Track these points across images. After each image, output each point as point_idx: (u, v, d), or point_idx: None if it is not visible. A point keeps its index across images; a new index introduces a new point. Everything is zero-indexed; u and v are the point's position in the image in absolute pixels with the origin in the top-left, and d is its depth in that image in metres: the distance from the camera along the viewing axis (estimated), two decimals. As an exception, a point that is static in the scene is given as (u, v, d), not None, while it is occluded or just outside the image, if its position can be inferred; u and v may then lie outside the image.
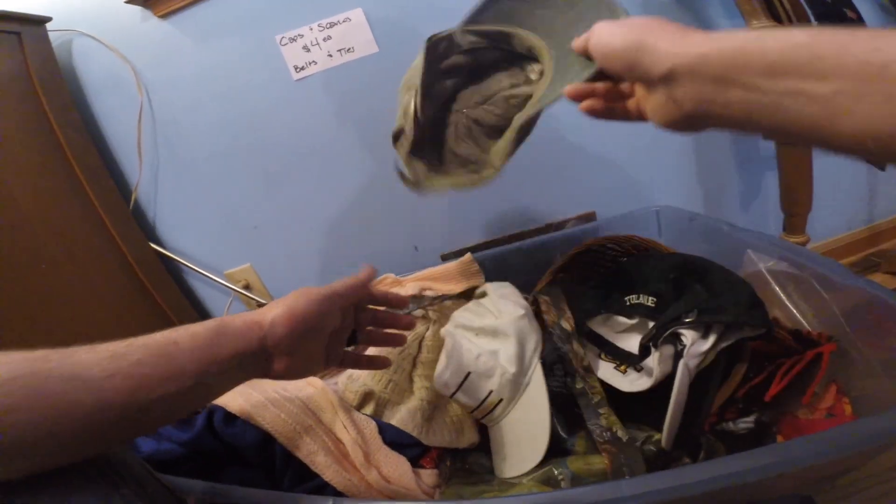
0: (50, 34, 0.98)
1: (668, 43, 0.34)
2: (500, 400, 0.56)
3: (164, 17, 1.00)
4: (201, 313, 1.18)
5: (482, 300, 0.67)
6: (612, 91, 0.43)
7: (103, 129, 1.06)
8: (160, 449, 0.51)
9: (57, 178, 0.91)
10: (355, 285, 0.49)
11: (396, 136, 0.59)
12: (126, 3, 0.96)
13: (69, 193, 0.93)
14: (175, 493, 0.40)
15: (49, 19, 0.97)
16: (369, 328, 0.53)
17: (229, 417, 0.53)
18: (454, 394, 0.58)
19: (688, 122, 0.36)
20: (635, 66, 0.36)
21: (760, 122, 0.30)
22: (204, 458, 0.53)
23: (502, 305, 0.63)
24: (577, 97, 0.44)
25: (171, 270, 1.12)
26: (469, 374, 0.57)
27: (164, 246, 1.11)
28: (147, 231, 1.10)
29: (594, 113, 0.45)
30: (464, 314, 0.65)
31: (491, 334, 0.59)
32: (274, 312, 0.42)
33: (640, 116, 0.43)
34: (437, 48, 0.57)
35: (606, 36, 0.39)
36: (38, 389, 0.30)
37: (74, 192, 0.93)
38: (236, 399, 0.53)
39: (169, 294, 1.06)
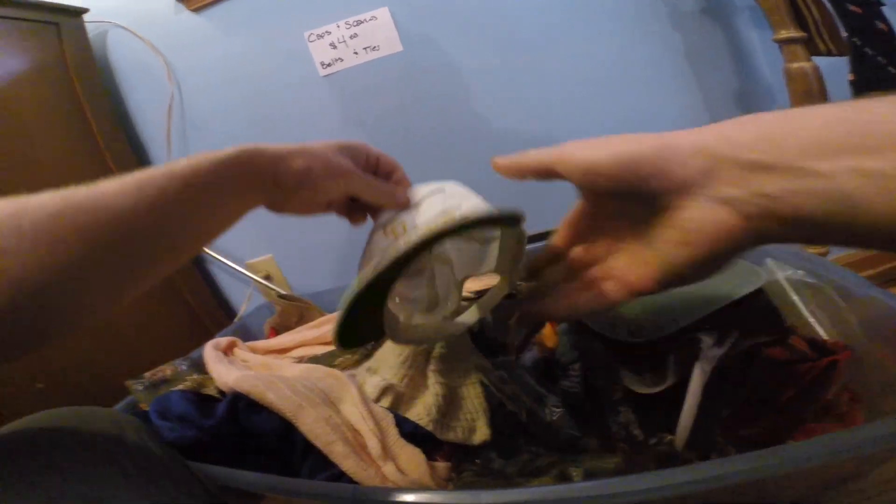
0: (86, 25, 1.01)
1: (693, 134, 0.28)
2: None
3: (196, 10, 1.02)
4: (221, 301, 1.21)
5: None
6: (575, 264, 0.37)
7: (133, 119, 1.10)
8: (184, 435, 0.53)
9: (88, 164, 0.94)
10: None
11: None
12: (160, -5, 0.99)
13: (99, 179, 0.95)
14: (202, 481, 0.42)
15: (86, 10, 1.01)
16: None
17: (253, 406, 0.54)
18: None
19: (736, 236, 0.27)
20: (665, 167, 0.27)
21: (809, 213, 0.24)
22: (226, 446, 0.54)
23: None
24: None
25: (194, 258, 1.15)
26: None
27: (188, 234, 1.13)
28: (172, 220, 1.12)
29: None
30: None
31: None
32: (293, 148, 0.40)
33: (620, 295, 0.34)
34: None
35: (607, 148, 0.30)
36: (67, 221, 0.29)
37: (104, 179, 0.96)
38: (259, 387, 0.54)
39: (190, 281, 1.09)
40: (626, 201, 0.31)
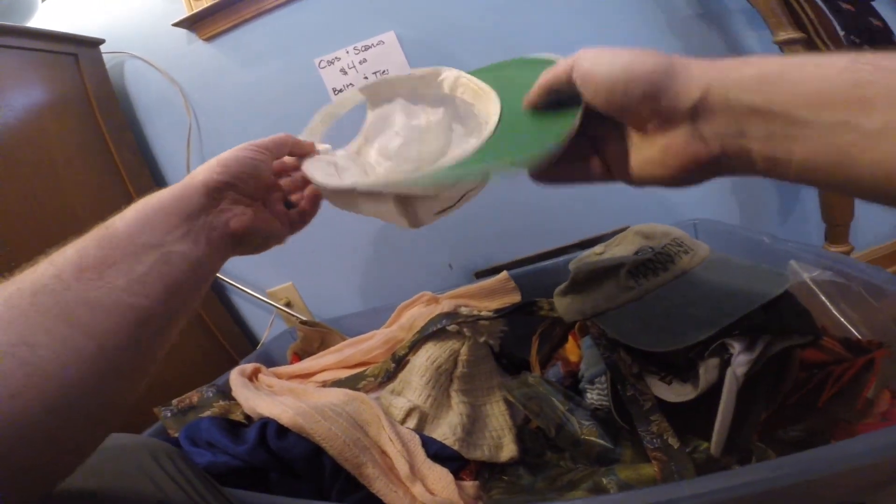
0: (103, 56, 1.03)
1: (699, 65, 0.28)
2: None
3: (208, 39, 1.04)
4: (244, 330, 1.21)
5: None
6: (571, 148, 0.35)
7: (154, 149, 1.11)
8: (216, 461, 0.53)
9: (114, 196, 0.95)
10: (276, 139, 0.47)
11: None
12: (173, 25, 1.01)
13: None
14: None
15: (102, 41, 1.02)
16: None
17: (282, 431, 0.55)
18: None
19: (708, 167, 0.29)
20: (660, 94, 0.29)
21: (792, 160, 0.25)
22: (256, 471, 0.54)
23: None
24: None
25: (216, 287, 1.16)
26: None
27: (211, 264, 1.15)
28: (195, 250, 1.14)
29: (545, 178, 0.38)
30: None
31: None
32: (204, 164, 0.40)
33: (604, 176, 0.37)
34: None
35: (611, 61, 0.31)
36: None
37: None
38: (288, 412, 0.55)
39: (213, 310, 1.10)
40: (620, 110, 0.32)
